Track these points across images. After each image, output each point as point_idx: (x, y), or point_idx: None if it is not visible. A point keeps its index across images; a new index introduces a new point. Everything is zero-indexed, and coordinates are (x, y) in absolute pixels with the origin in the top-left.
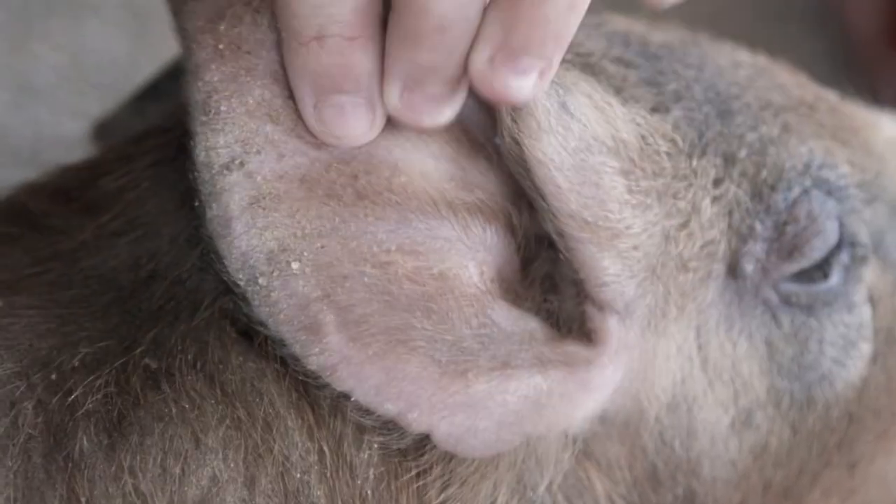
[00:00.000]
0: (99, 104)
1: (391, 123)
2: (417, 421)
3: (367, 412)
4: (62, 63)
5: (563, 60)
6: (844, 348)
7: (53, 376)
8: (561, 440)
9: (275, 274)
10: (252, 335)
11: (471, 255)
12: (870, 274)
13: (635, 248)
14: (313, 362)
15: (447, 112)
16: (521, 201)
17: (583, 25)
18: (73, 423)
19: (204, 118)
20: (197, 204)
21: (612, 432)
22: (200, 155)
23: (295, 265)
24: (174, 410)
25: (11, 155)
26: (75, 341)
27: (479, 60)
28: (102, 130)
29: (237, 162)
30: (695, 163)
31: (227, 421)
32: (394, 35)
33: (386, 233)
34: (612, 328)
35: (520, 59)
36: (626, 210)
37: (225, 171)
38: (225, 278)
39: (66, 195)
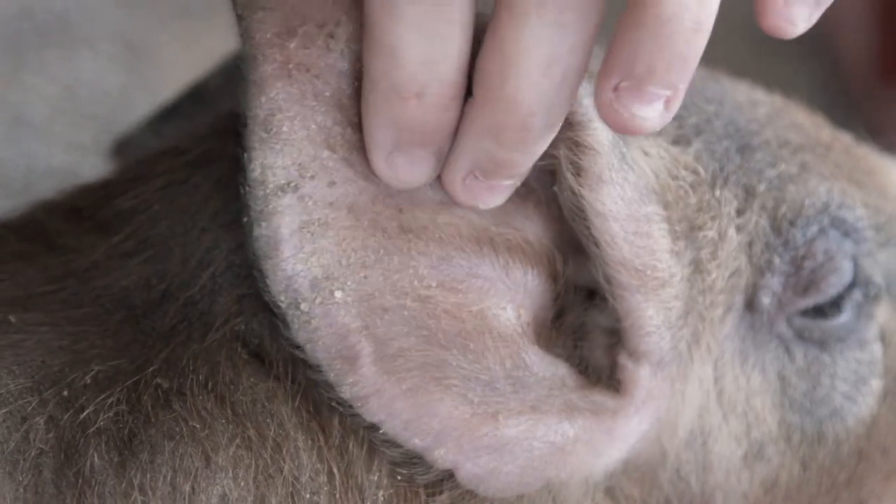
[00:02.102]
0: (92, 136)
1: None
2: (443, 458)
3: (395, 445)
4: (55, 95)
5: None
6: (856, 384)
7: (65, 393)
8: (582, 486)
9: (317, 301)
10: (263, 357)
11: (510, 297)
12: (882, 313)
13: (676, 297)
14: (346, 392)
15: (501, 200)
16: (564, 248)
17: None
18: (85, 440)
19: (264, 135)
20: (245, 219)
21: (632, 474)
22: (255, 171)
23: (338, 294)
24: (185, 429)
25: (4, 186)
26: (87, 359)
27: (605, 90)
28: (121, 149)
29: (292, 185)
30: (718, 192)
31: (238, 440)
32: (476, 125)
33: (427, 268)
34: (643, 379)
35: (644, 89)
36: (673, 258)
37: (279, 193)
38: (266, 298)
39: (79, 214)
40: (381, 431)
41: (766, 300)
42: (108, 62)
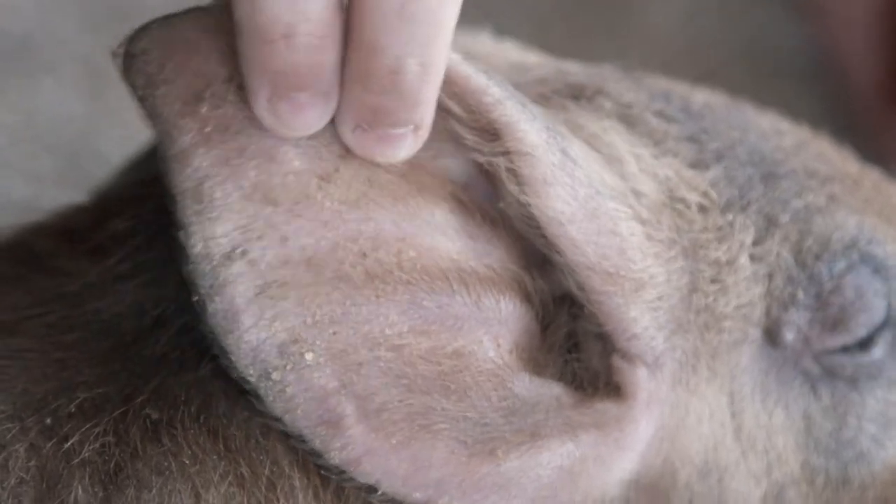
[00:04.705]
0: (53, 167)
1: (395, 196)
2: None
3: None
4: (16, 124)
5: (602, 108)
6: (884, 426)
7: (48, 421)
8: None
9: (288, 367)
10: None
11: (484, 330)
12: None
13: (661, 298)
14: (336, 457)
15: (403, 152)
16: (532, 263)
17: (623, 78)
18: (69, 471)
19: (197, 207)
20: (195, 298)
21: (641, 496)
22: (197, 246)
23: (309, 356)
24: (174, 465)
25: None
26: (73, 386)
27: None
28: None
29: (239, 251)
30: (731, 217)
31: (230, 478)
32: (347, 70)
33: (398, 314)
34: (642, 380)
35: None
36: (649, 258)
37: (227, 262)
38: (233, 375)
39: (71, 236)
40: (379, 493)
41: (789, 335)
42: (71, 89)
